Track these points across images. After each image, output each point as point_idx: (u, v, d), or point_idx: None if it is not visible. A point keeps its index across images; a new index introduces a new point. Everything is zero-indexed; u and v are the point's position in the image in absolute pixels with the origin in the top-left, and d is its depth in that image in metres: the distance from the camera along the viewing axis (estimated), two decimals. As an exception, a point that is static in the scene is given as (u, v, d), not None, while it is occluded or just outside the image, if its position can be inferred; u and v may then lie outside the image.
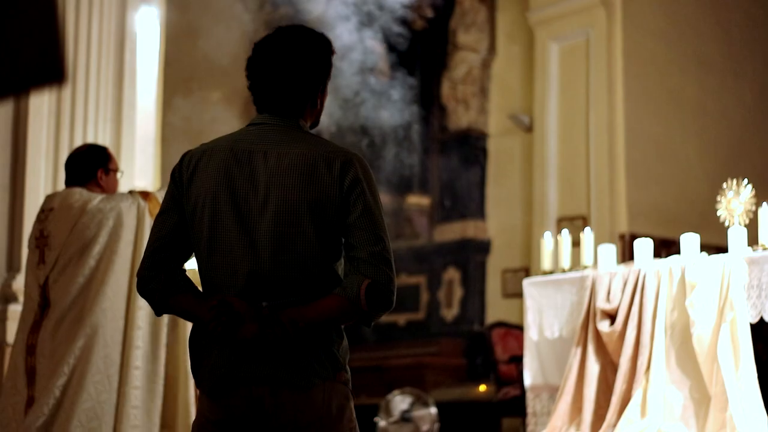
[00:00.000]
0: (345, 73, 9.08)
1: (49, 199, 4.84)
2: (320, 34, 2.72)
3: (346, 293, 2.56)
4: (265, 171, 2.61)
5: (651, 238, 6.48)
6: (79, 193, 4.70)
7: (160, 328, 4.75)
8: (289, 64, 2.65)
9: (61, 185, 6.01)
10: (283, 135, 2.65)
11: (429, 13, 11.43)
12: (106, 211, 4.65)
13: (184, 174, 2.67)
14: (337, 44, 2.77)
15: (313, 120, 2.75)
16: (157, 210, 4.22)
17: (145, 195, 4.82)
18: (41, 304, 4.62)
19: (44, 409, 4.44)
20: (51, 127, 6.33)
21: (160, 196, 4.47)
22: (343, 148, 2.67)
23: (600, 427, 5.88)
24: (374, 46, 9.54)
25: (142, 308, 4.64)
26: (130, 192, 4.85)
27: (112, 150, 5.19)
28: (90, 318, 4.55)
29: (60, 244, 4.63)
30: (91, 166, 4.78)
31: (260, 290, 2.57)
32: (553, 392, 6.44)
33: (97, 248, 4.62)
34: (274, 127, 2.67)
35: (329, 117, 9.18)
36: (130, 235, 4.70)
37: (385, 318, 11.46)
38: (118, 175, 4.90)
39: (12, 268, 6.19)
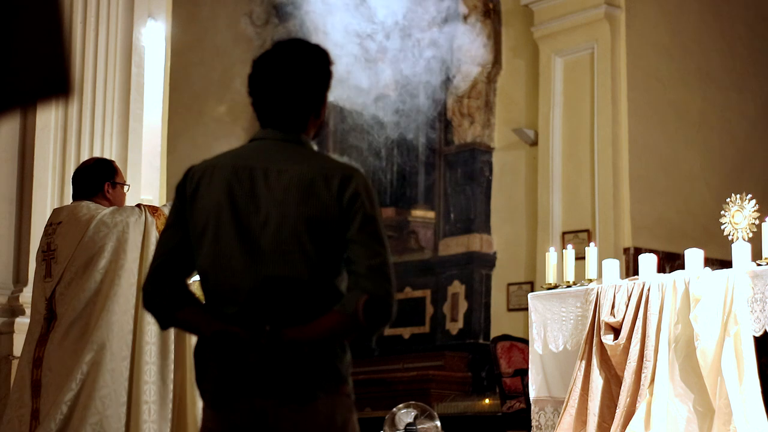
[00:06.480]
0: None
1: (56, 212, 4.84)
2: (317, 46, 2.73)
3: (345, 309, 2.56)
4: (265, 188, 2.61)
5: (655, 252, 6.49)
6: (87, 207, 4.69)
7: (168, 344, 4.74)
8: (290, 78, 2.66)
9: (68, 198, 6.03)
10: (283, 151, 2.66)
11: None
12: (113, 225, 4.64)
13: (188, 190, 2.68)
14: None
15: (315, 131, 2.76)
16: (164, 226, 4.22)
17: (153, 210, 4.81)
18: (47, 317, 4.62)
19: (51, 424, 4.43)
20: (58, 140, 6.35)
21: (168, 211, 4.46)
22: (342, 163, 2.68)
23: (604, 440, 5.88)
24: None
25: (151, 323, 4.62)
26: (138, 206, 4.85)
27: (118, 163, 5.19)
28: (97, 332, 4.53)
29: (66, 258, 4.62)
30: (97, 179, 4.79)
31: (261, 307, 2.58)
32: (557, 405, 6.45)
33: (102, 262, 4.61)
34: (275, 143, 2.67)
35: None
36: (136, 251, 4.67)
37: (390, 331, 11.49)
38: (125, 188, 4.92)
39: (19, 281, 6.20)
